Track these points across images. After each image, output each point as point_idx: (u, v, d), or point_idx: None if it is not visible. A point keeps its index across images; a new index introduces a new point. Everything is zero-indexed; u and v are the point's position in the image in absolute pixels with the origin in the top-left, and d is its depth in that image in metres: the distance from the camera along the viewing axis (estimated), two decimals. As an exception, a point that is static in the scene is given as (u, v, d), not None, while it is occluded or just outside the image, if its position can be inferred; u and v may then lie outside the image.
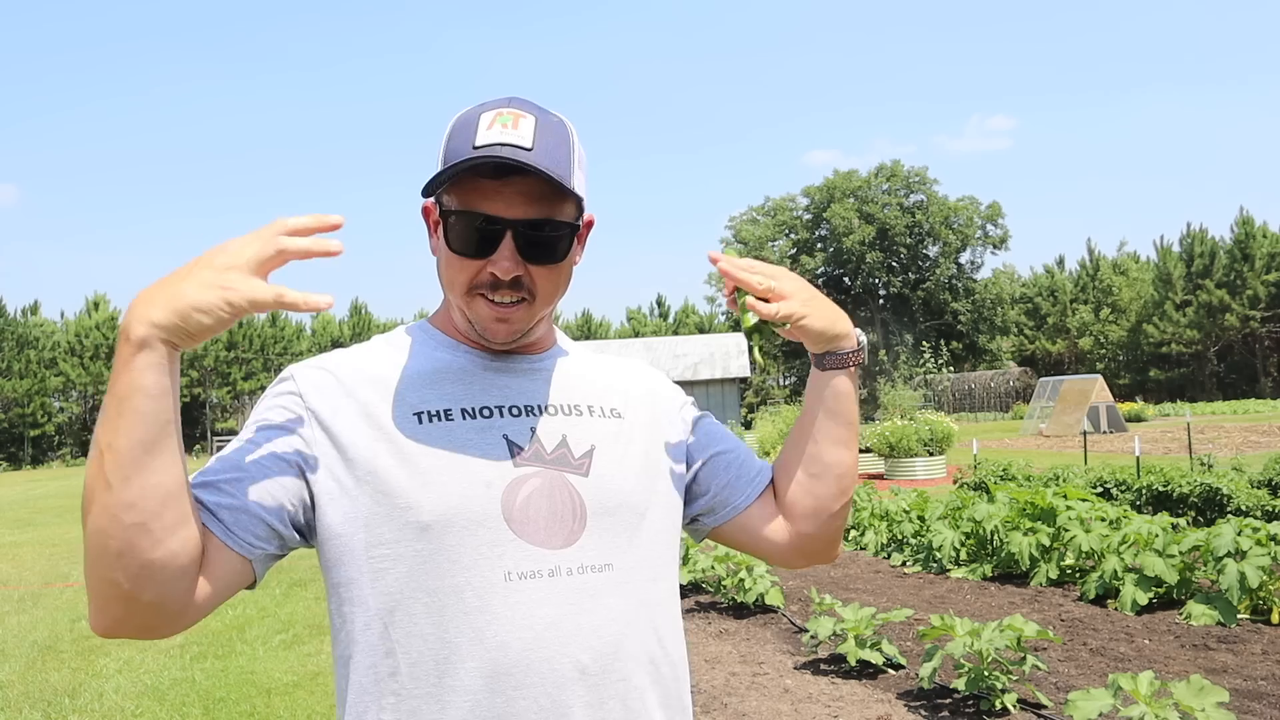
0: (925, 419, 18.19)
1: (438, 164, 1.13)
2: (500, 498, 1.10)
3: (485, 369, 1.21)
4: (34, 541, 13.19)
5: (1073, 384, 31.05)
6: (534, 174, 1.09)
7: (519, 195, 1.10)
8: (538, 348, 1.27)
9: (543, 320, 1.22)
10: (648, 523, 1.21)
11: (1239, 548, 5.76)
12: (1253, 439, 22.01)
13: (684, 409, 1.36)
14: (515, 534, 1.10)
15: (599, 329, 64.18)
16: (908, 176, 56.98)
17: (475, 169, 1.09)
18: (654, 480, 1.24)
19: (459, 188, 1.12)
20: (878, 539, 8.96)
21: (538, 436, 1.17)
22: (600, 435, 1.21)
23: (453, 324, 1.23)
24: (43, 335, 55.84)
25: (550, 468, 1.15)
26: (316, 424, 1.11)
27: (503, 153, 1.07)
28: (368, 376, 1.16)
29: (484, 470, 1.11)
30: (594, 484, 1.16)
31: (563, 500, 1.14)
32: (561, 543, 1.12)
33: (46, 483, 31.47)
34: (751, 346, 1.25)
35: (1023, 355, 61.55)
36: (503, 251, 1.11)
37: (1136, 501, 9.92)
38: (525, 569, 1.09)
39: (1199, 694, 3.46)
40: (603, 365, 1.35)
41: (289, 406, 1.12)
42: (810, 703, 4.64)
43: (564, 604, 1.10)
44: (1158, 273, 57.22)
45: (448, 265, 1.15)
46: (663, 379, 1.40)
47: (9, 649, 6.71)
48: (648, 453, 1.25)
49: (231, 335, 59.78)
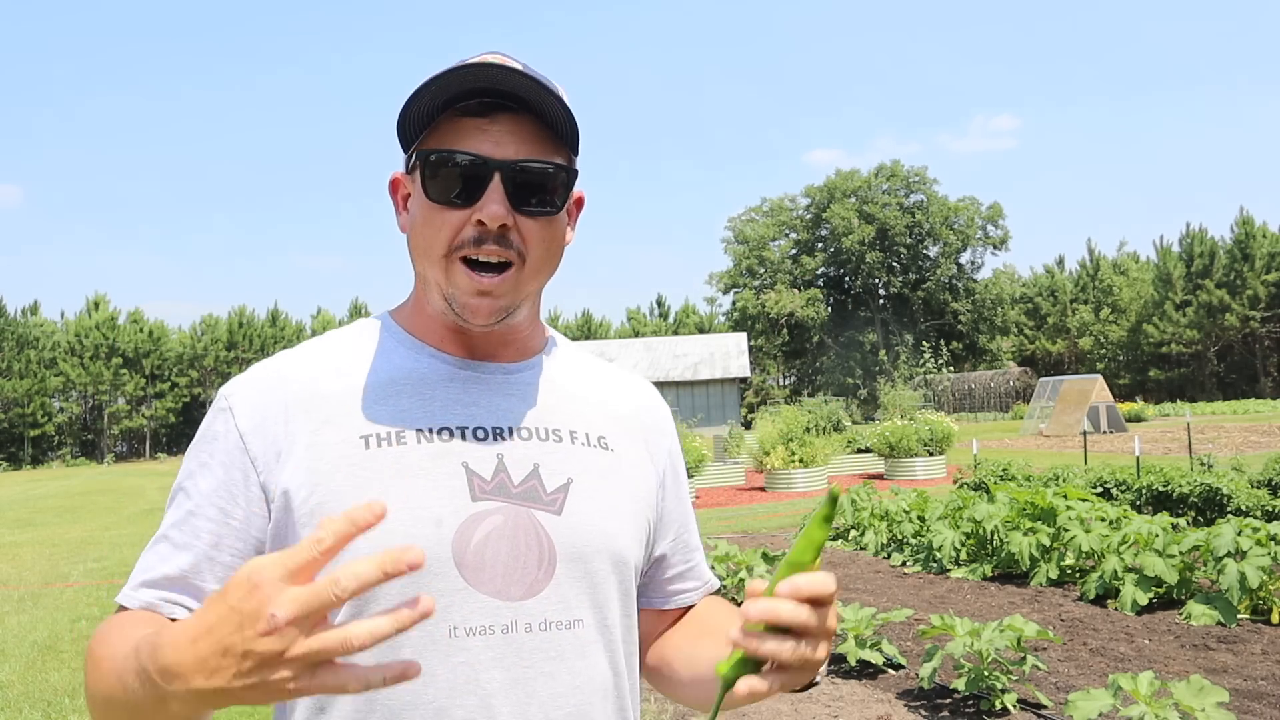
0: (925, 419, 18.19)
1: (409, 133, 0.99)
2: (452, 539, 0.94)
3: (450, 379, 1.04)
4: (34, 541, 13.19)
5: (1073, 384, 31.05)
6: (526, 109, 0.97)
7: (508, 134, 0.96)
8: (518, 349, 1.09)
9: (528, 301, 1.04)
10: (627, 572, 1.05)
11: (1239, 548, 5.76)
12: (1253, 439, 22.01)
13: (673, 455, 1.19)
14: (467, 582, 0.94)
15: (599, 329, 64.17)
16: (908, 176, 57.00)
17: (456, 108, 0.96)
18: (637, 525, 1.07)
19: (437, 131, 0.97)
20: (878, 539, 8.96)
21: (504, 465, 1.00)
22: (581, 467, 1.04)
23: (421, 316, 1.07)
24: (43, 335, 55.84)
25: (516, 503, 0.98)
26: (256, 469, 0.97)
27: (488, 75, 0.94)
28: (316, 394, 1.00)
29: (435, 505, 0.95)
30: (567, 524, 1.00)
31: (527, 543, 0.97)
32: (522, 593, 0.96)
33: (46, 483, 31.47)
34: (719, 703, 0.88)
35: (1023, 355, 61.54)
36: (491, 195, 0.95)
37: (1136, 501, 9.91)
38: (475, 624, 0.93)
39: (1199, 694, 3.46)
40: (597, 379, 1.16)
41: (229, 456, 0.98)
42: (810, 702, 4.63)
43: (519, 666, 0.94)
44: (1158, 273, 57.22)
45: (425, 223, 0.98)
46: (664, 409, 1.23)
47: (9, 649, 6.70)
48: (636, 493, 1.09)
49: (231, 335, 59.80)
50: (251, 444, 0.97)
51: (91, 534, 13.90)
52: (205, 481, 0.98)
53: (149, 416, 57.59)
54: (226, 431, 0.99)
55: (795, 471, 15.76)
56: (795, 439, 16.27)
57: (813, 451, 16.17)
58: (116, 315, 58.36)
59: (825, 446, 16.85)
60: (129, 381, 55.98)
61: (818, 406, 24.42)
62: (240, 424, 0.98)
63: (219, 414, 1.01)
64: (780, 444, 16.18)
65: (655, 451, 1.15)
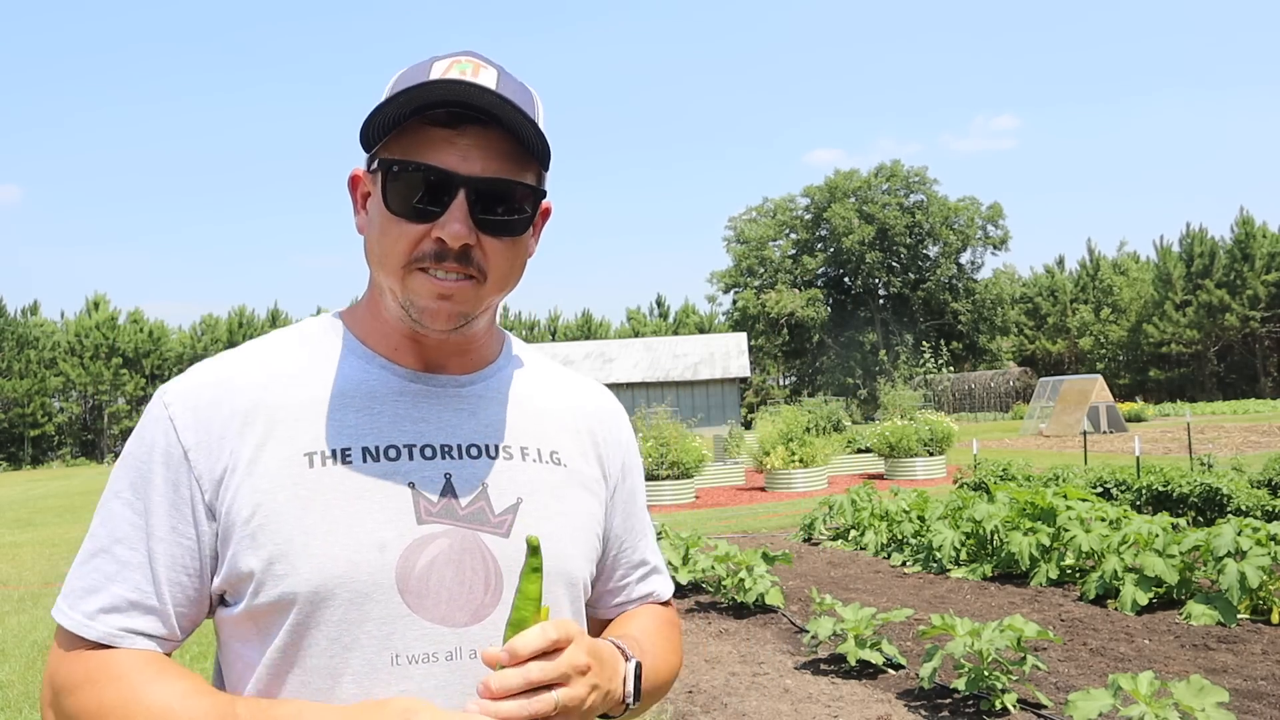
0: (925, 419, 18.19)
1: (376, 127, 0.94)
2: (395, 564, 0.92)
3: (400, 393, 1.00)
4: (34, 541, 13.19)
5: (1073, 384, 31.04)
6: (495, 123, 0.92)
7: (476, 149, 0.92)
8: (474, 358, 1.06)
9: (488, 312, 1.02)
10: (578, 591, 1.03)
11: (1239, 548, 5.76)
12: (1253, 439, 22.01)
13: (627, 467, 1.17)
14: (410, 608, 0.92)
15: (599, 329, 64.17)
16: (907, 176, 56.99)
17: (424, 116, 0.91)
18: (587, 543, 1.05)
19: (403, 138, 0.93)
20: (878, 539, 8.96)
21: (452, 485, 0.97)
22: (531, 486, 1.02)
23: (375, 321, 1.02)
24: (43, 335, 55.85)
25: (462, 525, 0.96)
26: (199, 485, 0.94)
27: (459, 90, 0.90)
28: (259, 406, 0.96)
29: (379, 529, 0.92)
30: (515, 547, 0.97)
31: (474, 567, 0.95)
32: (468, 619, 0.94)
33: (46, 483, 31.48)
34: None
35: (1023, 355, 61.55)
36: (454, 213, 0.91)
37: (1136, 501, 9.91)
38: (418, 651, 0.92)
39: (1199, 694, 3.46)
40: (552, 389, 1.12)
41: (170, 468, 0.94)
42: (810, 703, 4.63)
43: (462, 695, 0.91)
44: (1158, 273, 57.21)
45: (383, 233, 0.94)
46: (619, 417, 1.18)
47: (9, 649, 6.71)
48: (587, 509, 1.06)
49: (232, 335, 59.79)
50: (196, 461, 0.94)
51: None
52: (153, 496, 0.94)
53: (149, 416, 57.57)
54: (169, 445, 0.95)
55: (795, 471, 15.76)
56: (795, 439, 16.27)
57: (813, 451, 16.17)
58: (116, 315, 58.38)
59: (825, 446, 16.85)
60: (129, 381, 56.00)
61: (818, 406, 24.42)
62: (184, 438, 0.94)
63: (157, 422, 0.96)
64: (780, 444, 16.18)
65: (609, 464, 1.13)
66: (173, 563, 0.93)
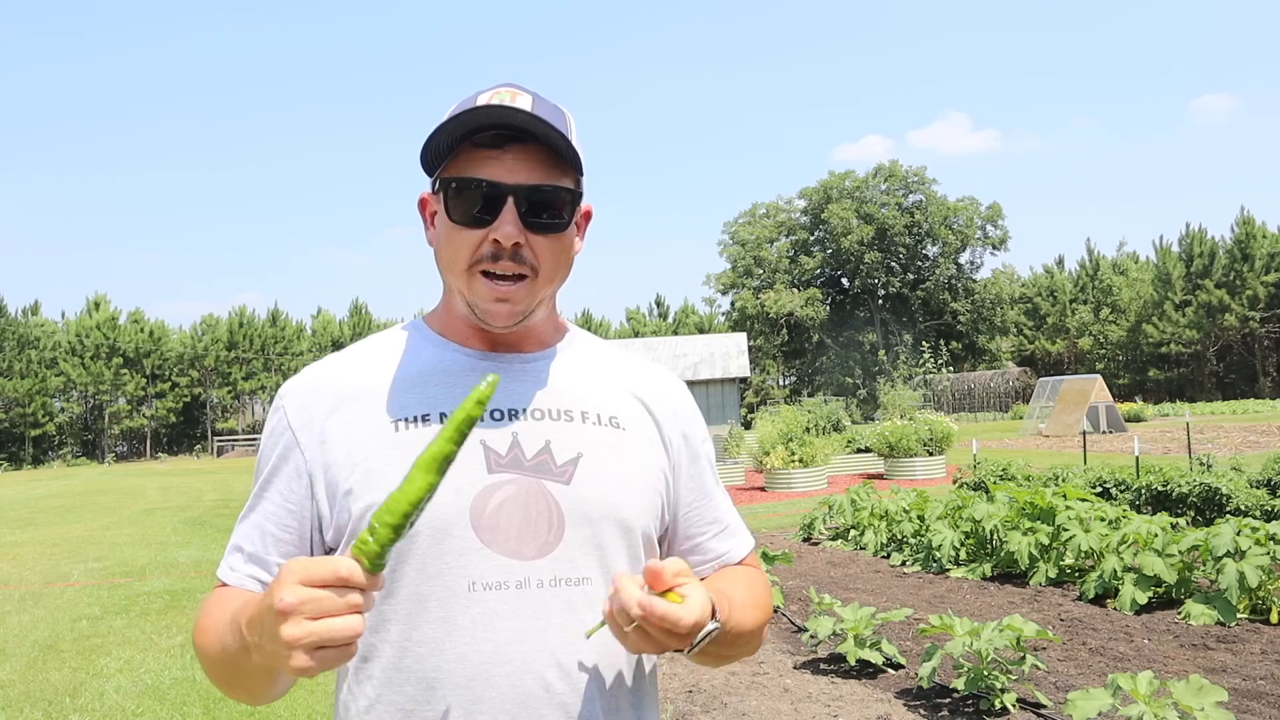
0: (925, 419, 18.20)
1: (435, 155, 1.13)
2: (469, 505, 1.07)
3: (472, 369, 1.17)
4: (34, 541, 13.19)
5: (1072, 384, 31.05)
6: (533, 140, 1.09)
7: (519, 162, 1.09)
8: (535, 342, 1.22)
9: (544, 304, 1.18)
10: (635, 537, 1.15)
11: (1238, 547, 5.77)
12: (1252, 439, 22.01)
13: (690, 439, 1.28)
14: (483, 543, 1.07)
15: (599, 329, 64.18)
16: (906, 176, 57.00)
17: (473, 140, 1.09)
18: (646, 497, 1.17)
19: (457, 160, 1.11)
20: (877, 539, 8.96)
21: (518, 442, 1.12)
22: (590, 443, 1.16)
23: (449, 317, 1.21)
24: (43, 335, 55.86)
25: (528, 475, 1.11)
26: (305, 457, 1.13)
27: (499, 114, 1.07)
28: (354, 389, 1.15)
29: (455, 477, 1.07)
30: (575, 493, 1.11)
31: (538, 509, 1.09)
32: (534, 553, 1.08)
33: (47, 482, 31.48)
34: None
35: (1022, 355, 61.57)
36: (505, 217, 1.08)
37: (1136, 501, 9.92)
38: (491, 579, 1.06)
39: (1198, 693, 3.46)
40: (614, 367, 1.27)
41: (283, 447, 1.15)
42: (810, 702, 4.64)
43: (531, 618, 1.06)
44: (1157, 273, 57.21)
45: (448, 241, 1.12)
46: (681, 395, 1.31)
47: (10, 649, 6.71)
48: (645, 469, 1.19)
49: (232, 335, 59.81)
50: (301, 437, 1.14)
51: (92, 534, 13.90)
52: (267, 471, 1.16)
53: (150, 416, 57.60)
54: (281, 429, 1.16)
55: (795, 471, 15.76)
56: (795, 439, 16.27)
57: (812, 451, 16.17)
58: (117, 315, 58.39)
59: (825, 446, 16.85)
60: (129, 381, 56.00)
61: (817, 406, 24.39)
62: (292, 421, 1.15)
63: (275, 413, 1.18)
64: (780, 444, 16.18)
65: (667, 432, 1.24)
66: (278, 523, 1.14)
